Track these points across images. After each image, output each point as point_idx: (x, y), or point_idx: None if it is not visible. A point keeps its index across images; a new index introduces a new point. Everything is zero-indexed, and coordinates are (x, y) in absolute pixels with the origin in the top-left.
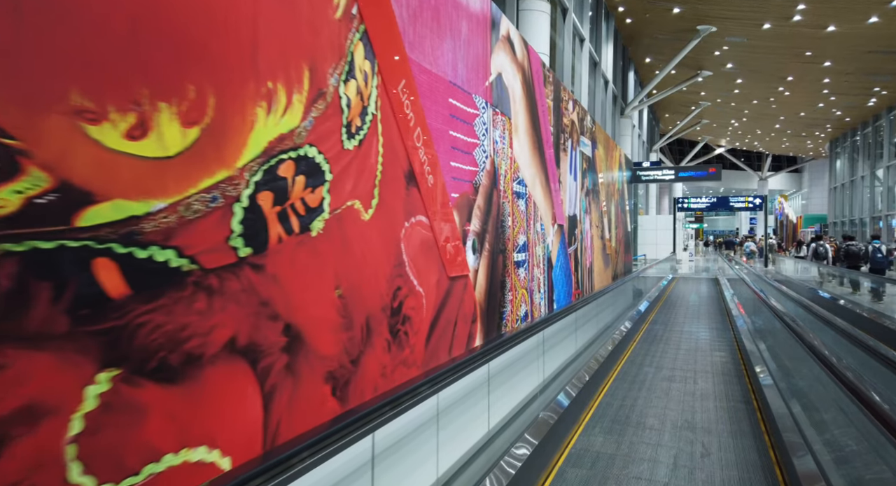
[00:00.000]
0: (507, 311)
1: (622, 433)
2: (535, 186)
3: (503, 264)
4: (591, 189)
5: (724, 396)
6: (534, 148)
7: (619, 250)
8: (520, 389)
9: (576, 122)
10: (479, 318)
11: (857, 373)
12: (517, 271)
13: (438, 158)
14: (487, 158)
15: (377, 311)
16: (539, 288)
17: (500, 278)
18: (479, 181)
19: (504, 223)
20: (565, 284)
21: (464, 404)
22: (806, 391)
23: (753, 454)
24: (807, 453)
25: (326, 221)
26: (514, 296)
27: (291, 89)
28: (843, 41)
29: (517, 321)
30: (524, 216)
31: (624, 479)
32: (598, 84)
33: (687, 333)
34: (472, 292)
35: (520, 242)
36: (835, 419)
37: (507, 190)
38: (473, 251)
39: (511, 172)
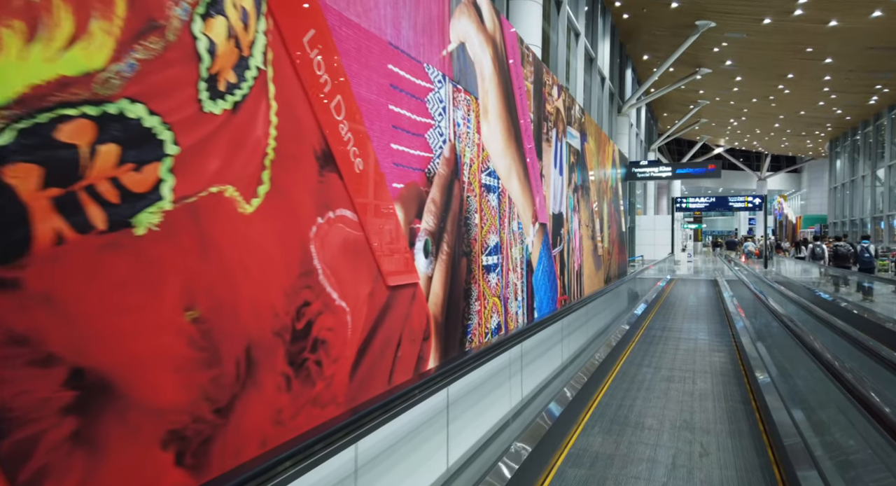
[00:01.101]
0: (474, 323)
1: (608, 465)
2: (511, 179)
3: (468, 269)
4: (581, 185)
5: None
6: (508, 135)
7: (612, 252)
8: (491, 413)
9: (562, 110)
10: (433, 334)
11: (858, 375)
12: (487, 277)
13: (372, 138)
14: (446, 142)
15: (267, 336)
16: (516, 295)
17: (463, 286)
18: (433, 170)
19: (469, 221)
20: (549, 289)
21: (408, 444)
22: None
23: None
24: (812, 468)
25: (168, 214)
26: (483, 305)
27: (86, 10)
28: (845, 37)
29: (487, 335)
30: (496, 213)
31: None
32: (595, 81)
33: (686, 340)
34: (423, 303)
35: (490, 242)
36: (835, 419)
37: (474, 182)
38: (426, 254)
39: (479, 161)
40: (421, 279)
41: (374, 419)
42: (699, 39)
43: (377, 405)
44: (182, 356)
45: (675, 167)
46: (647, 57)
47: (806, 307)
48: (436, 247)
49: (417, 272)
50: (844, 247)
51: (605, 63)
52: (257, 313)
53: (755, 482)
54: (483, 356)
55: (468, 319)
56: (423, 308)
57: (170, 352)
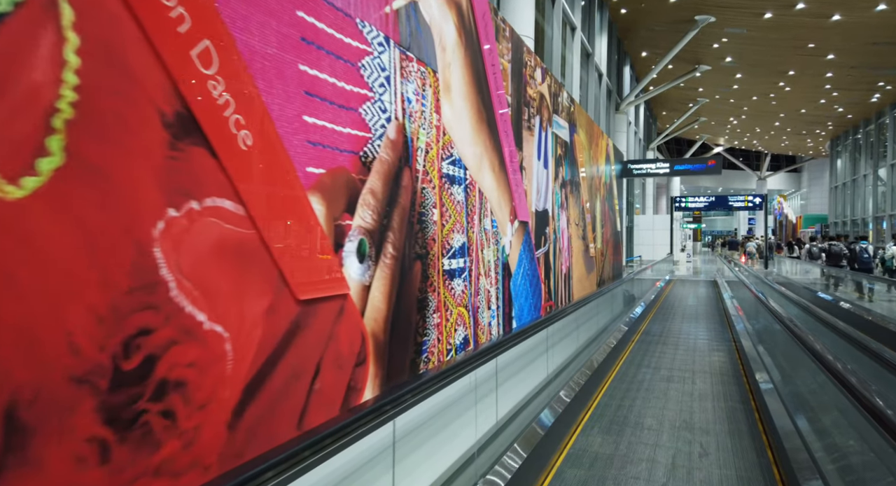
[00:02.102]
0: (431, 340)
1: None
2: (483, 169)
3: (423, 275)
4: (570, 180)
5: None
6: (479, 119)
7: (606, 252)
8: (457, 444)
9: (546, 96)
10: (371, 357)
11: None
12: (450, 284)
13: (270, 106)
14: (390, 121)
15: (56, 385)
16: (489, 304)
17: (416, 295)
18: (372, 154)
19: (425, 217)
20: (531, 295)
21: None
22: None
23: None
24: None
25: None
26: (445, 317)
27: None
28: (847, 32)
29: (450, 352)
30: (462, 209)
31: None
32: (592, 77)
33: (685, 346)
34: (355, 319)
35: (455, 243)
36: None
37: (432, 171)
38: (361, 258)
39: (438, 146)
40: (353, 289)
41: (267, 483)
42: (698, 35)
43: (272, 462)
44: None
45: (673, 163)
46: (645, 54)
47: (818, 316)
48: (376, 249)
49: (347, 281)
50: (837, 246)
51: (603, 59)
52: (33, 350)
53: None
54: (443, 379)
55: (423, 335)
56: (355, 325)
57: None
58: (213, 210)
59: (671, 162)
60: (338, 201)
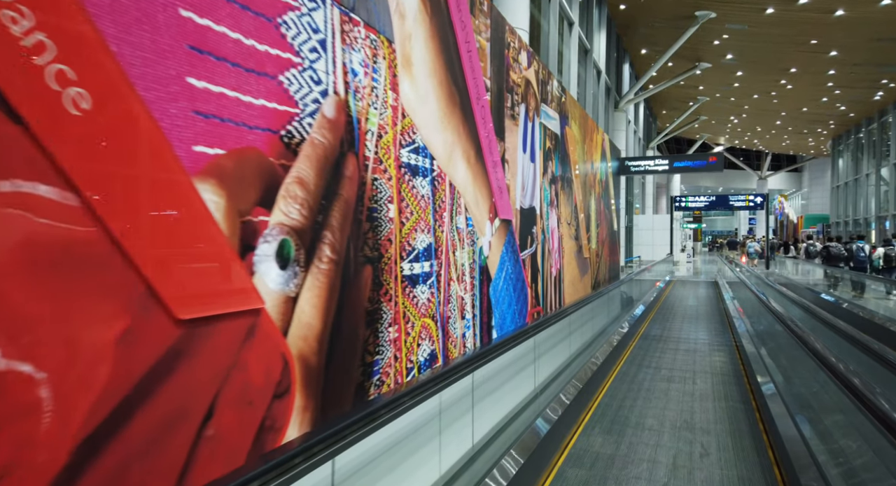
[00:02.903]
0: (386, 358)
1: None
2: (455, 160)
3: (375, 282)
4: (560, 176)
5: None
6: (450, 102)
7: (601, 253)
8: (416, 480)
9: (534, 83)
10: (297, 386)
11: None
12: (411, 291)
13: (125, 59)
14: (327, 95)
15: None
16: (463, 312)
17: (364, 306)
18: (299, 134)
19: (377, 214)
20: (515, 301)
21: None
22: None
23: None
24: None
25: None
26: (405, 331)
27: None
28: (851, 27)
29: (411, 371)
30: (428, 205)
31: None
32: (590, 74)
33: (683, 357)
34: (273, 340)
35: (417, 244)
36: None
37: (387, 160)
38: (283, 263)
39: (396, 131)
40: (270, 302)
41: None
42: (699, 32)
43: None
44: None
45: (672, 160)
46: (644, 51)
47: (823, 318)
48: (306, 251)
49: (260, 292)
50: (836, 248)
51: (601, 56)
52: None
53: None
54: (398, 405)
55: (374, 353)
56: (273, 347)
57: None
58: (18, 198)
59: (670, 159)
60: (245, 191)
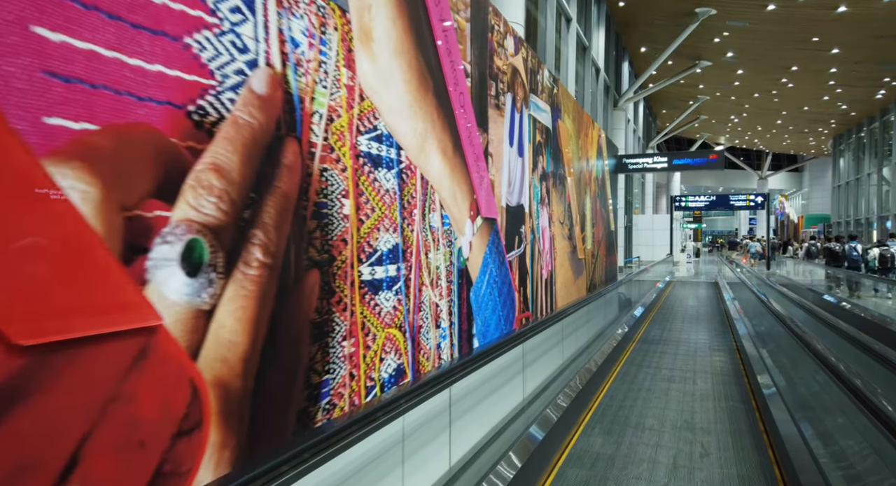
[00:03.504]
0: (338, 377)
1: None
2: (428, 151)
3: (325, 289)
4: (552, 172)
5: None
6: (421, 86)
7: (597, 254)
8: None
9: (521, 72)
10: (212, 419)
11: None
12: (372, 299)
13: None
14: (256, 66)
15: None
16: (437, 320)
17: (309, 318)
18: (216, 111)
19: (327, 210)
20: (500, 306)
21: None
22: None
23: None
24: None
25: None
26: (364, 344)
27: None
28: (853, 24)
29: (372, 390)
30: (394, 200)
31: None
32: (588, 71)
33: (685, 354)
34: (174, 364)
35: (380, 245)
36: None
37: (340, 147)
38: (194, 269)
39: (352, 115)
40: (171, 318)
41: None
42: (699, 29)
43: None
44: None
45: (671, 157)
46: (644, 49)
47: (824, 319)
48: (227, 254)
49: (155, 305)
50: (838, 248)
51: (600, 53)
52: None
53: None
54: (349, 433)
55: (323, 372)
56: (175, 373)
57: None
58: None
59: (670, 156)
60: (132, 178)
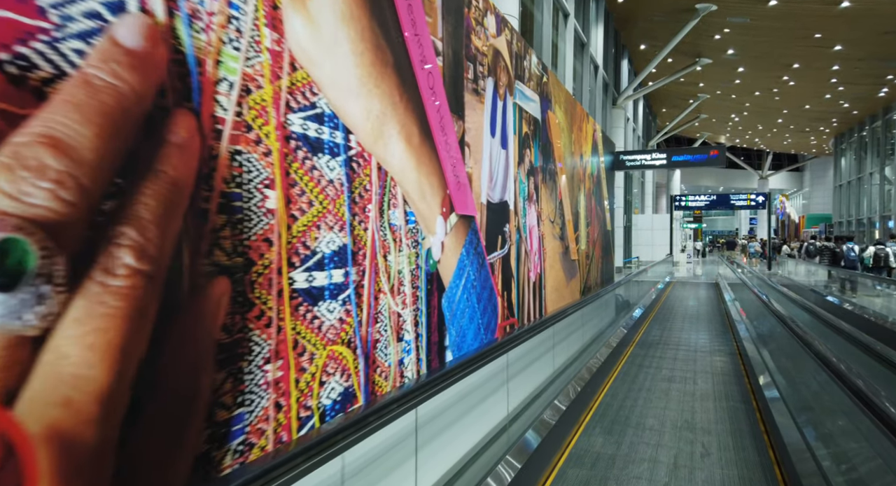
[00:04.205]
0: (257, 411)
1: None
2: (388, 137)
3: (235, 302)
4: (541, 167)
5: None
6: (377, 60)
7: (592, 255)
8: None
9: (505, 55)
10: (40, 484)
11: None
12: (308, 311)
13: None
14: (123, 10)
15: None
16: (399, 333)
17: (211, 339)
18: (51, 63)
19: (240, 203)
20: (479, 313)
21: None
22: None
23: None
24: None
25: None
26: (299, 367)
27: None
28: (857, 20)
29: (309, 421)
30: (341, 193)
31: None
32: (587, 68)
33: (683, 360)
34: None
35: (321, 246)
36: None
37: (261, 126)
38: (11, 280)
39: (279, 87)
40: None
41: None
42: (699, 25)
43: None
44: None
45: (671, 154)
46: (644, 46)
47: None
48: (75, 260)
49: None
50: (832, 246)
51: (599, 50)
52: None
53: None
54: (269, 480)
55: (234, 405)
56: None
57: None
58: None
59: (669, 152)
60: None
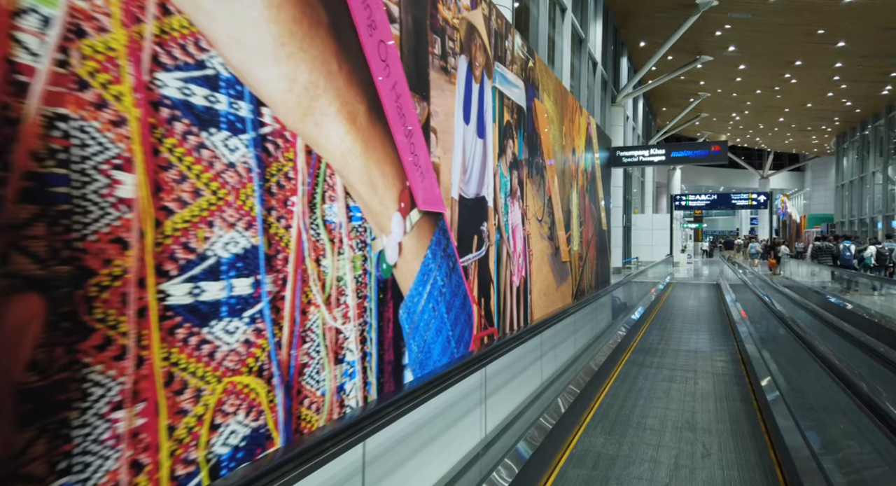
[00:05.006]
0: (93, 480)
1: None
2: (322, 115)
3: (51, 330)
4: (527, 160)
5: None
6: (304, 16)
7: (586, 256)
8: None
9: (482, 31)
10: None
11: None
12: (190, 335)
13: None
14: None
15: None
16: (338, 354)
17: (9, 383)
18: None
19: (68, 189)
20: (449, 324)
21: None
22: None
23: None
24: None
25: None
26: (175, 409)
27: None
28: (861, 15)
29: (192, 480)
30: (248, 181)
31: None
32: (585, 64)
33: (683, 368)
34: None
35: (214, 248)
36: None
37: (110, 87)
38: None
39: (138, 33)
40: None
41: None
42: (700, 22)
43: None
44: None
45: (670, 150)
46: (643, 44)
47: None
48: None
49: None
50: (826, 245)
51: (597, 47)
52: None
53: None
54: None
55: (47, 477)
56: None
57: None
58: None
59: (668, 148)
60: None
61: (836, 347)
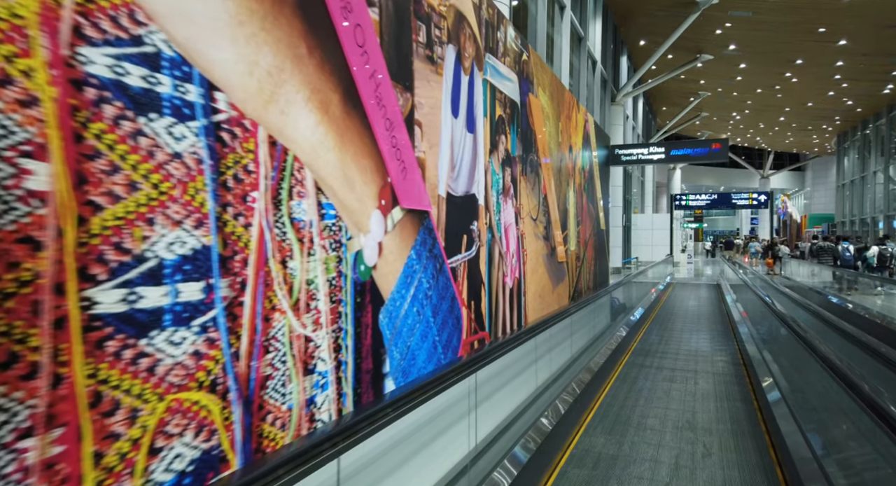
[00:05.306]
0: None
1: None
2: (289, 103)
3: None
4: (521, 157)
5: None
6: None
7: (583, 256)
8: None
9: (471, 20)
10: None
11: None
12: (123, 348)
13: None
14: None
15: None
16: (307, 364)
17: None
18: None
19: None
20: (436, 329)
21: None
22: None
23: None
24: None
25: None
26: (103, 434)
27: None
28: (862, 13)
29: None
30: (198, 174)
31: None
32: (584, 63)
33: (683, 370)
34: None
35: (156, 249)
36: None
37: (17, 61)
38: None
39: (76, 3)
40: None
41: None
42: (700, 20)
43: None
44: None
45: (669, 148)
46: (643, 42)
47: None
48: None
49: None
50: (841, 250)
51: (597, 45)
52: None
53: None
54: None
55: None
56: None
57: None
58: None
59: (668, 146)
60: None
61: (837, 347)
